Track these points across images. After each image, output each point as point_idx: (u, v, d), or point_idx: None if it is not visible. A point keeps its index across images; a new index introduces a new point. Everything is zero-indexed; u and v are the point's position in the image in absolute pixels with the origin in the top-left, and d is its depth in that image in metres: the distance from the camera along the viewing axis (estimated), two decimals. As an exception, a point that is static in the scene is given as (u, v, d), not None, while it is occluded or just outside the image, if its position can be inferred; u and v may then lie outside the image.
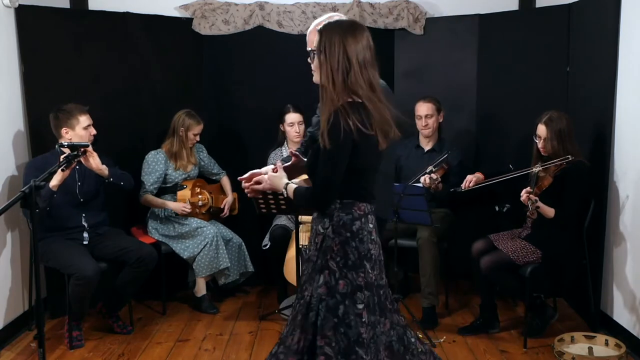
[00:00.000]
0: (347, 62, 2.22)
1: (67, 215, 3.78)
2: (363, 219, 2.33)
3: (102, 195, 3.93)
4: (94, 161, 3.61)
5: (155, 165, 4.20)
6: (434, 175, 3.90)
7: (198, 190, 4.34)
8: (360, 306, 2.28)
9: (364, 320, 2.28)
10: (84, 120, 3.74)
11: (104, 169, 3.68)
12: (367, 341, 2.28)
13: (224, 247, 4.21)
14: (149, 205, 4.28)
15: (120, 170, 3.92)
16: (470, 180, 3.83)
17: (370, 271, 2.31)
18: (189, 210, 4.20)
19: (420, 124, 4.22)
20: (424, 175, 3.89)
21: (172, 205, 4.21)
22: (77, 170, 3.77)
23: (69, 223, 3.79)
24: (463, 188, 3.83)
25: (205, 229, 4.19)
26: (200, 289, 4.30)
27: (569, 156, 3.50)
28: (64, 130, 3.72)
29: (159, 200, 4.23)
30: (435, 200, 4.15)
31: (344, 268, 2.29)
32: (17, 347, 3.76)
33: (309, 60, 2.49)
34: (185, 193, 4.27)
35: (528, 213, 3.52)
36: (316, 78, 2.38)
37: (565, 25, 4.21)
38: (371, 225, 2.35)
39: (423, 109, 4.19)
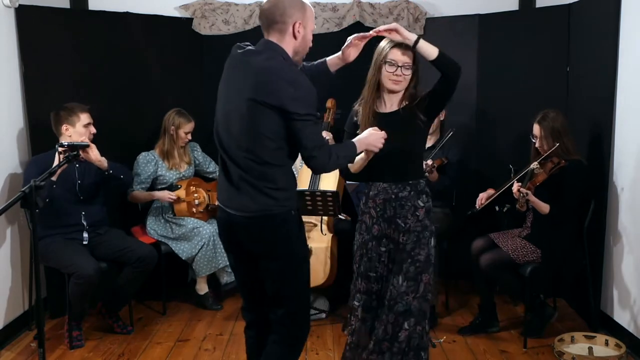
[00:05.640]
0: None
1: (66, 212, 3.78)
2: (412, 193, 2.82)
3: (101, 194, 3.94)
4: (93, 153, 3.61)
5: (145, 165, 4.21)
6: (429, 161, 3.93)
7: (193, 189, 4.35)
8: (383, 248, 2.87)
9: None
10: (85, 118, 3.75)
11: (103, 161, 3.68)
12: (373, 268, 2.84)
13: (221, 246, 4.21)
14: (136, 202, 4.28)
15: (119, 164, 3.92)
16: (482, 197, 3.82)
17: (400, 232, 2.80)
18: (174, 198, 4.19)
19: None
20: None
21: (158, 194, 4.21)
22: (76, 168, 3.77)
23: (69, 221, 3.79)
24: (478, 207, 3.82)
25: (201, 229, 4.19)
26: (203, 287, 4.32)
27: (557, 144, 3.54)
28: (64, 127, 3.72)
29: (145, 193, 4.23)
30: (434, 197, 4.17)
31: None
32: (17, 347, 3.77)
33: (402, 72, 2.73)
34: (179, 193, 4.26)
35: (517, 206, 3.53)
36: (403, 86, 2.77)
37: (565, 25, 4.21)
38: (420, 203, 2.80)
39: None
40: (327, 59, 2.76)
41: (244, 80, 2.39)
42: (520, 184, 3.53)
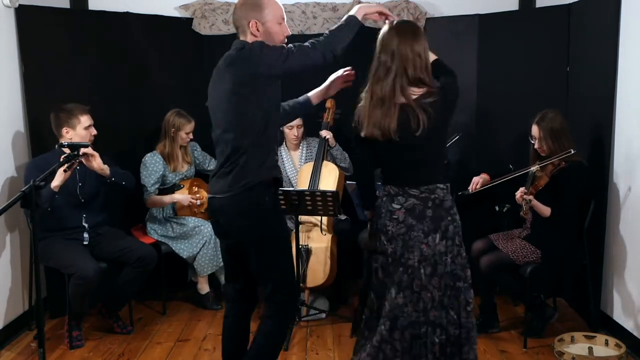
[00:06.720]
0: None
1: (67, 215, 3.78)
2: (384, 199, 2.69)
3: (102, 196, 3.94)
4: (96, 161, 3.62)
5: (153, 166, 4.21)
6: None
7: (195, 189, 4.36)
8: (375, 264, 2.72)
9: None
10: (85, 120, 3.75)
11: (105, 169, 3.69)
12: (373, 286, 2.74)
13: None
14: (156, 206, 4.28)
15: (121, 170, 3.92)
16: (477, 182, 3.81)
17: (385, 243, 2.65)
18: (197, 201, 4.25)
19: None
20: None
21: (179, 197, 4.23)
22: (77, 170, 3.77)
23: (70, 223, 3.79)
24: (470, 190, 3.81)
25: (202, 227, 4.20)
26: (204, 286, 4.33)
27: (572, 150, 3.50)
28: (64, 130, 3.72)
29: (165, 197, 4.25)
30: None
31: None
32: (17, 347, 3.77)
33: None
34: (182, 193, 4.28)
35: (521, 213, 3.51)
36: None
37: (565, 25, 4.21)
38: (395, 206, 2.64)
39: None
40: (310, 93, 2.98)
41: (221, 71, 2.73)
42: (524, 190, 3.50)
